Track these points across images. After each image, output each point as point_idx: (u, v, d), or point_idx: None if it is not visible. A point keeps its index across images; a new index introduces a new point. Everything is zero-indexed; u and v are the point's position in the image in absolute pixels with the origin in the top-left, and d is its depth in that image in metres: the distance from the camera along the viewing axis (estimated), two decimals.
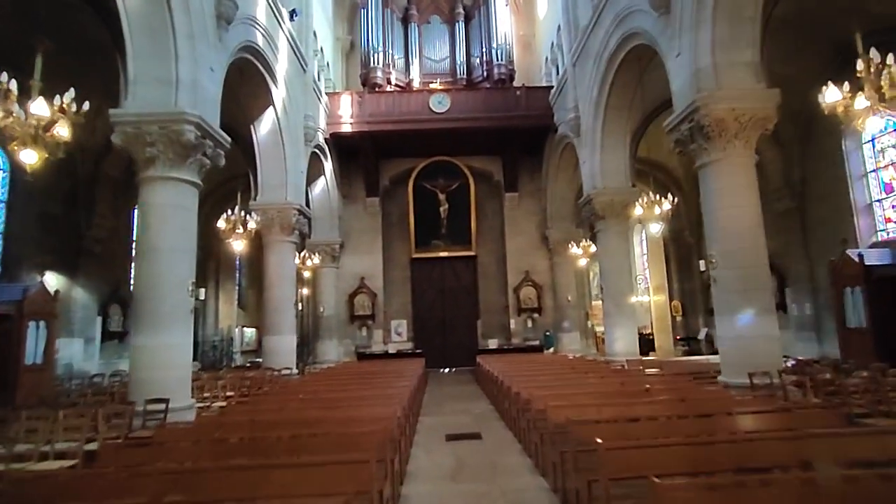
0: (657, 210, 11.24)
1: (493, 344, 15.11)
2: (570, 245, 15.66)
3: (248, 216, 11.47)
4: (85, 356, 13.47)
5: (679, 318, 18.14)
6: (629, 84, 11.70)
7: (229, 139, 8.23)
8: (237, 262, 20.76)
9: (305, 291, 18.28)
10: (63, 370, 12.11)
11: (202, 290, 17.72)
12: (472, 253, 18.78)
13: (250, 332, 22.23)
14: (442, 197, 18.47)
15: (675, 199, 11.79)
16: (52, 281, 12.29)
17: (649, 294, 20.65)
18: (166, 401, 6.47)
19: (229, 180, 16.08)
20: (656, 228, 11.78)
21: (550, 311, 17.73)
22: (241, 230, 11.12)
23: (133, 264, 10.30)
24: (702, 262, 17.32)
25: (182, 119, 7.07)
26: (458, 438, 7.14)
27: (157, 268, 6.98)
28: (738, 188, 7.53)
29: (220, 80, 8.33)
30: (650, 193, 11.88)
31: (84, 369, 12.79)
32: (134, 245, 10.01)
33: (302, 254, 14.85)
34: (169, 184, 7.15)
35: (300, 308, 18.48)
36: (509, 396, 7.53)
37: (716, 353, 16.65)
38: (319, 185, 16.94)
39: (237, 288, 22.53)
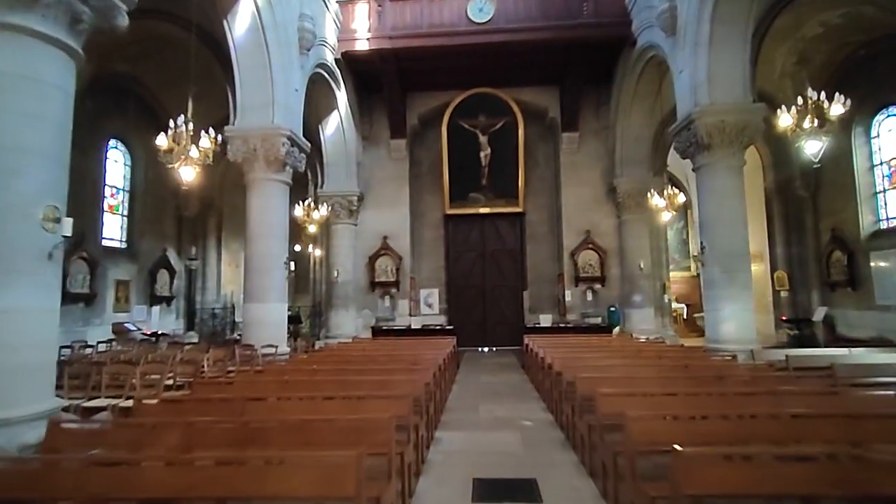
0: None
1: (544, 321, 11.77)
2: (648, 196, 11.95)
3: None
4: None
5: (784, 294, 14.18)
6: None
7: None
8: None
9: (318, 252, 15.45)
10: None
11: (192, 248, 15.21)
12: (518, 209, 15.37)
13: None
14: (483, 139, 15.05)
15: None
16: None
17: None
18: None
19: None
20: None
21: (616, 282, 14.18)
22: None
23: None
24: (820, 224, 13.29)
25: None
26: (497, 496, 3.92)
27: None
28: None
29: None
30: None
31: None
32: None
33: (305, 202, 11.89)
34: None
35: (312, 275, 15.73)
36: (590, 414, 4.27)
37: (839, 341, 12.79)
38: (332, 124, 13.87)
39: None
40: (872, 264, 11.82)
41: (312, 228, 12.10)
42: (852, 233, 12.40)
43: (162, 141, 6.95)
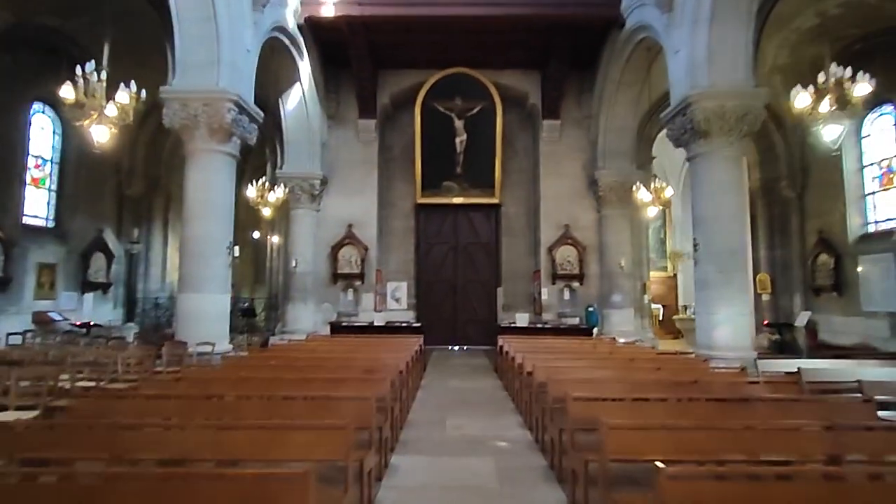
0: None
1: (520, 320, 10.81)
2: (633, 189, 11.14)
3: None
4: None
5: (766, 298, 13.66)
6: None
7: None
8: None
9: (276, 240, 14.18)
10: None
11: (135, 231, 13.71)
12: (495, 200, 14.43)
13: None
14: (459, 124, 14.02)
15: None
16: None
17: None
18: None
19: None
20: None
21: (595, 280, 13.39)
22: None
23: None
24: (805, 225, 12.77)
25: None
26: None
27: None
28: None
29: None
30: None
31: None
32: None
33: (259, 182, 10.63)
34: None
35: (269, 265, 14.46)
36: (590, 452, 3.31)
37: (821, 348, 12.32)
38: (294, 98, 12.60)
39: None
40: (860, 269, 11.33)
41: (267, 212, 10.85)
42: (840, 236, 11.92)
43: (68, 92, 5.66)
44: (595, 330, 12.24)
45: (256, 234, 15.77)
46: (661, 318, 17.75)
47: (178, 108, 7.88)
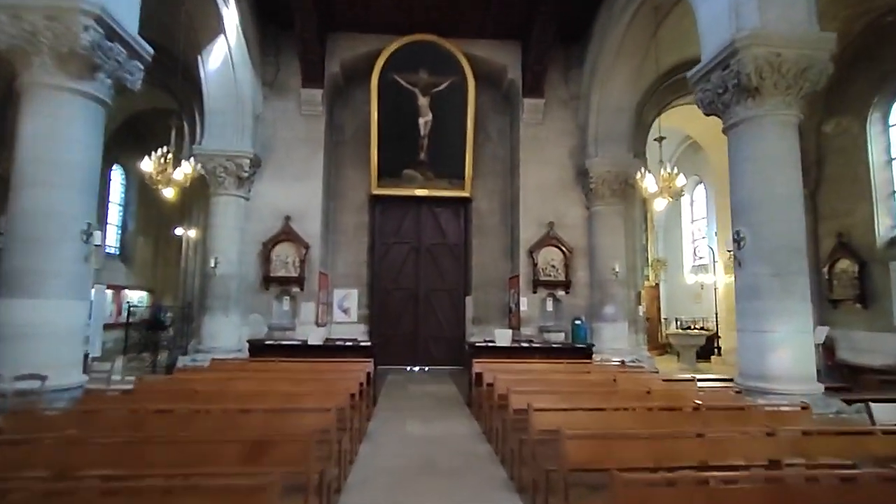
0: None
1: (501, 338, 8.33)
2: (637, 176, 9.09)
3: None
4: None
5: None
6: None
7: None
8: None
9: (192, 234, 11.44)
10: None
11: None
12: (464, 194, 12.21)
13: (138, 297, 15.33)
14: (423, 102, 11.78)
15: None
16: None
17: (713, 271, 14.50)
18: None
19: None
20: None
21: (583, 288, 11.30)
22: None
23: None
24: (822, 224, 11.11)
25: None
26: None
27: None
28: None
29: None
30: None
31: None
32: None
33: (159, 153, 7.97)
34: None
35: (184, 265, 11.68)
36: None
37: (841, 368, 10.63)
38: (217, 56, 10.03)
39: (116, 230, 15.46)
40: (893, 277, 9.68)
41: (170, 193, 8.19)
42: (864, 239, 10.27)
43: None
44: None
45: (179, 231, 12.92)
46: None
47: (6, 21, 5.25)
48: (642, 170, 9.06)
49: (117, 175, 15.35)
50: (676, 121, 13.27)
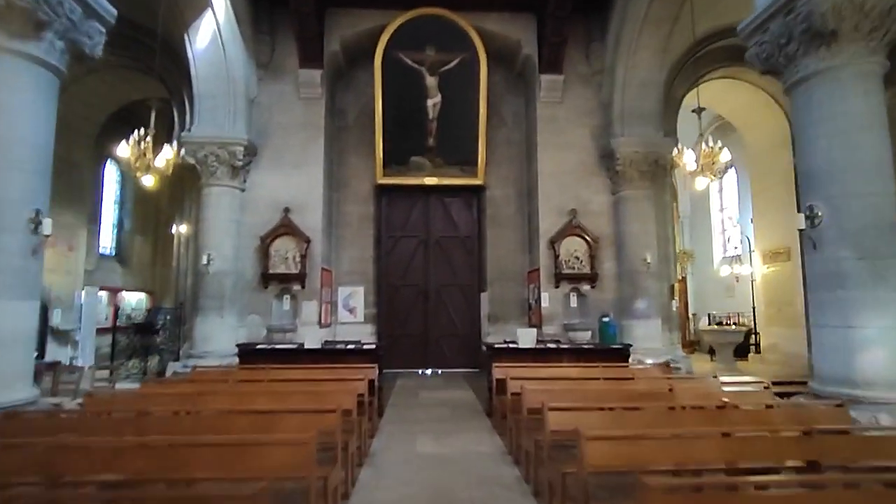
0: None
1: (524, 338, 7.21)
2: (674, 153, 8.04)
3: None
4: None
5: None
6: None
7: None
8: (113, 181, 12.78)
9: (184, 229, 10.61)
10: None
11: None
12: (477, 181, 11.24)
13: (136, 299, 14.58)
14: (431, 81, 10.83)
15: None
16: None
17: (749, 261, 13.38)
18: None
19: None
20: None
21: (611, 282, 10.27)
22: None
23: None
24: None
25: None
26: None
27: None
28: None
29: None
30: None
31: None
32: None
33: (137, 137, 7.11)
34: None
35: (176, 263, 10.88)
36: None
37: None
38: (206, 33, 9.18)
39: (112, 229, 14.72)
40: None
41: (149, 181, 7.34)
42: None
43: None
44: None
45: (182, 228, 12.12)
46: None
47: None
48: (679, 145, 8.01)
49: (112, 171, 14.61)
50: (705, 99, 12.10)
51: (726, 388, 4.88)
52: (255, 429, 3.21)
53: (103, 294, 13.38)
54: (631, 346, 7.43)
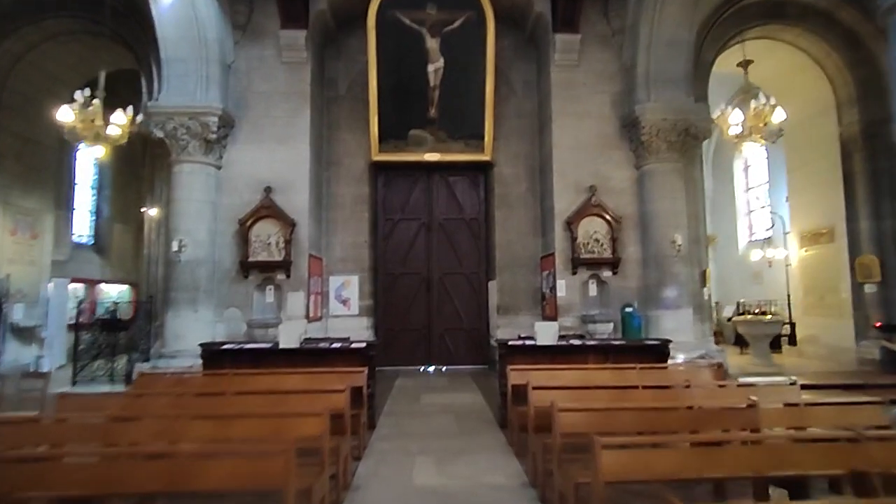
0: None
1: (543, 333, 6.04)
2: (722, 111, 6.83)
3: None
4: None
5: (871, 289, 9.63)
6: None
7: None
8: (89, 164, 11.62)
9: (154, 212, 9.50)
10: None
11: None
12: (484, 157, 10.09)
13: (117, 292, 13.48)
14: (432, 44, 9.64)
15: None
16: None
17: (783, 244, 12.23)
18: None
19: None
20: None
21: (635, 268, 9.12)
22: None
23: None
24: None
25: None
26: None
27: None
28: None
29: None
30: None
31: None
32: None
33: (82, 98, 5.97)
34: None
35: (147, 250, 9.78)
36: None
37: None
38: None
39: (89, 215, 13.59)
40: None
41: (100, 152, 6.22)
42: None
43: None
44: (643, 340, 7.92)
45: (153, 211, 11.03)
46: None
47: None
48: (723, 106, 6.81)
49: (87, 153, 13.46)
50: (735, 64, 10.86)
51: (828, 401, 3.75)
52: (168, 481, 2.10)
53: (78, 286, 12.34)
54: (670, 342, 6.28)
